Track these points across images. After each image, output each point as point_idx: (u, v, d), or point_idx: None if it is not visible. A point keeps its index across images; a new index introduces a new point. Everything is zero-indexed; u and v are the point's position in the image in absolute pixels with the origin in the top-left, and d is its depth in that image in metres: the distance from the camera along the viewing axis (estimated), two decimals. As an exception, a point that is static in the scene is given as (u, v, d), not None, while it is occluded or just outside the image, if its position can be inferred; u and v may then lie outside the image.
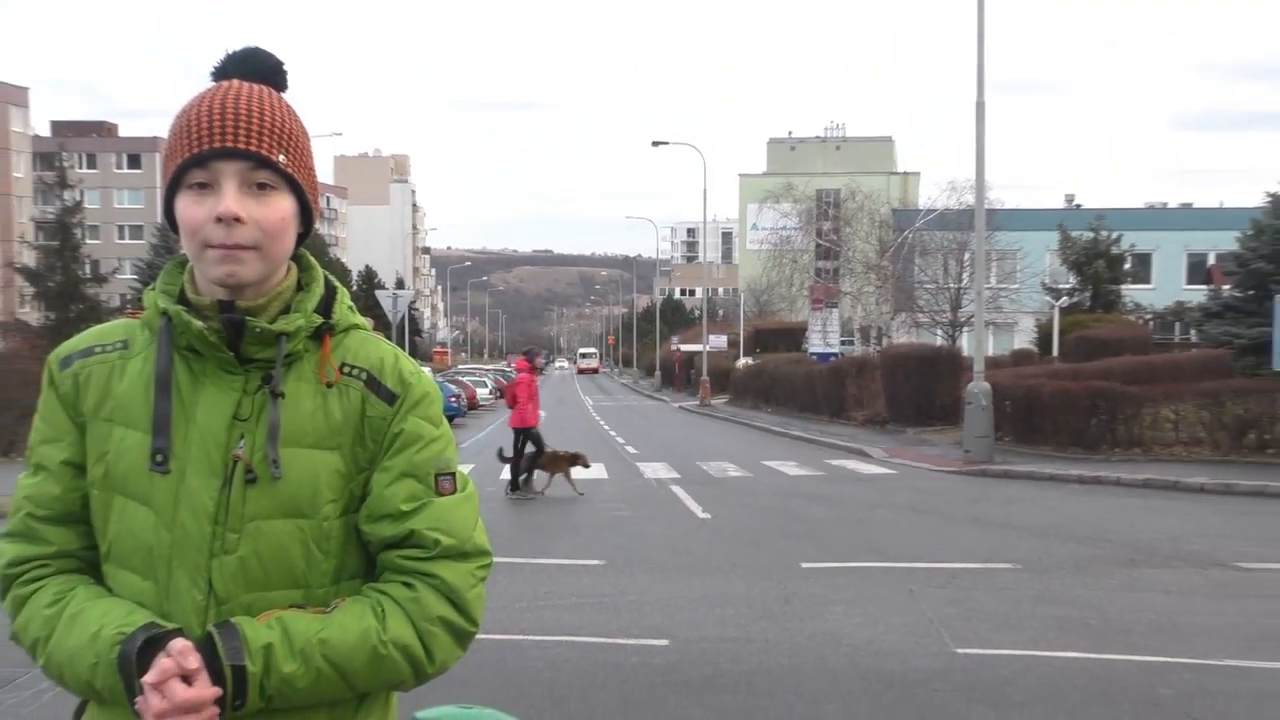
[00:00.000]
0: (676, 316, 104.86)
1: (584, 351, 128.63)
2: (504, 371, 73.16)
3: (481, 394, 49.77)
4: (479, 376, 57.93)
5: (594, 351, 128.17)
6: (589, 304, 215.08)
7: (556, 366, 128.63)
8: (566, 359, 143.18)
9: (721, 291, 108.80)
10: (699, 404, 45.88)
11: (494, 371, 68.38)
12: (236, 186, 1.64)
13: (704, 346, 53.48)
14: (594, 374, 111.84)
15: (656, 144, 56.73)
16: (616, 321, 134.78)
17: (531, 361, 17.18)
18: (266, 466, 1.66)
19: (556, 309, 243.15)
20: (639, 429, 33.07)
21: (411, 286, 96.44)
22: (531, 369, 17.01)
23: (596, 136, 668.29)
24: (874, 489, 16.75)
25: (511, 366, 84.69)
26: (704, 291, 70.58)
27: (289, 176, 1.68)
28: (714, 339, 57.27)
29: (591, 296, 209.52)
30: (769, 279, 57.72)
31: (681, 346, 67.40)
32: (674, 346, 70.42)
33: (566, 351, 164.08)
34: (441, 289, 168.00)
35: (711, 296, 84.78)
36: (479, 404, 47.45)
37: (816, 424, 30.50)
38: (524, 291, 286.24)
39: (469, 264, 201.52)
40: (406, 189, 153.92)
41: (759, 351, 53.48)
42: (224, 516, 1.66)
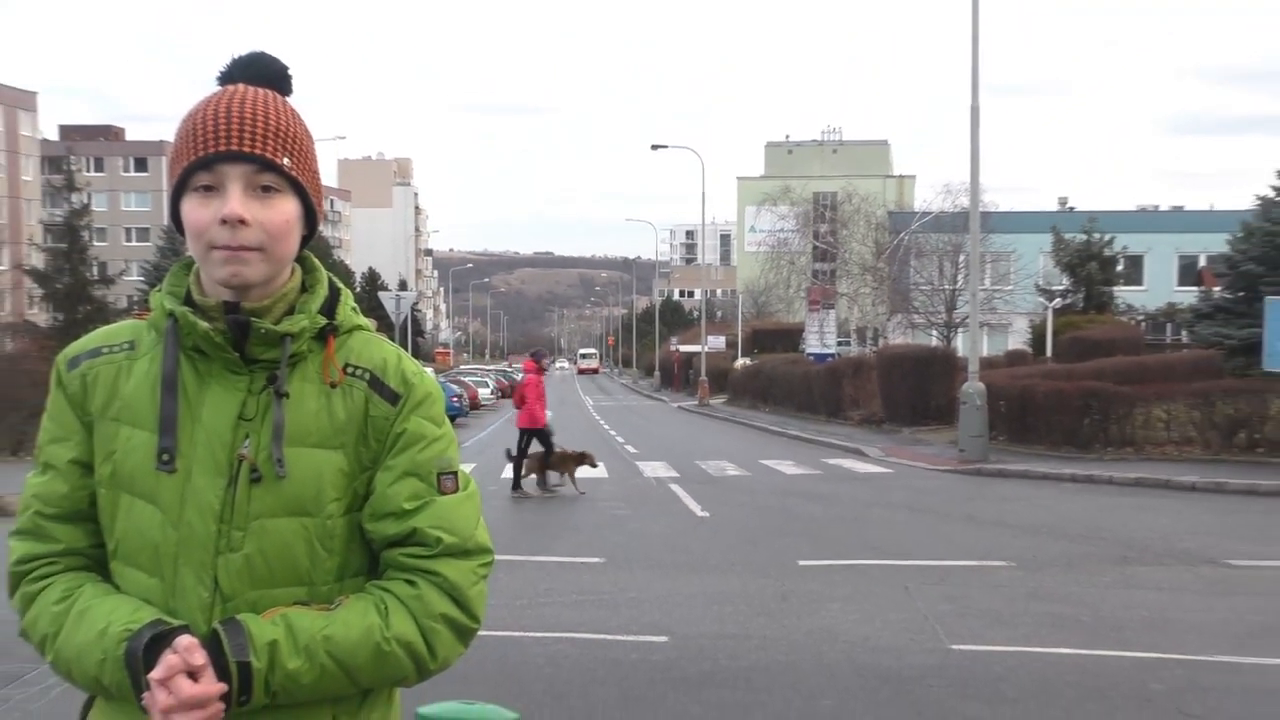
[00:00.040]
0: (675, 317, 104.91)
1: (584, 352, 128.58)
2: (505, 371, 73.24)
3: (483, 394, 49.76)
4: (481, 377, 57.88)
5: (594, 352, 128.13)
6: (589, 305, 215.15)
7: (557, 367, 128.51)
8: (567, 359, 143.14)
9: (720, 293, 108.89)
10: (698, 404, 45.87)
11: (495, 372, 68.37)
12: (241, 189, 1.64)
13: (703, 347, 53.48)
14: (594, 374, 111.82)
15: (656, 147, 56.82)
16: (616, 322, 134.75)
17: (538, 363, 17.24)
18: (271, 465, 1.66)
19: (557, 310, 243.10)
20: (638, 429, 33.06)
21: (414, 288, 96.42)
22: (538, 370, 17.05)
23: (596, 139, 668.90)
24: (870, 488, 16.76)
25: (512, 367, 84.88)
26: (703, 293, 70.68)
27: (293, 179, 1.68)
28: (712, 340, 57.27)
29: (591, 298, 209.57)
30: (767, 280, 57.69)
31: (680, 347, 67.40)
32: (673, 347, 70.43)
33: (567, 352, 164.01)
34: (444, 290, 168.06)
35: (710, 298, 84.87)
36: (481, 404, 47.43)
37: (813, 424, 30.49)
38: (525, 293, 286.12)
39: (471, 266, 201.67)
40: (409, 192, 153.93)
41: (757, 352, 53.44)
42: (229, 515, 1.66)
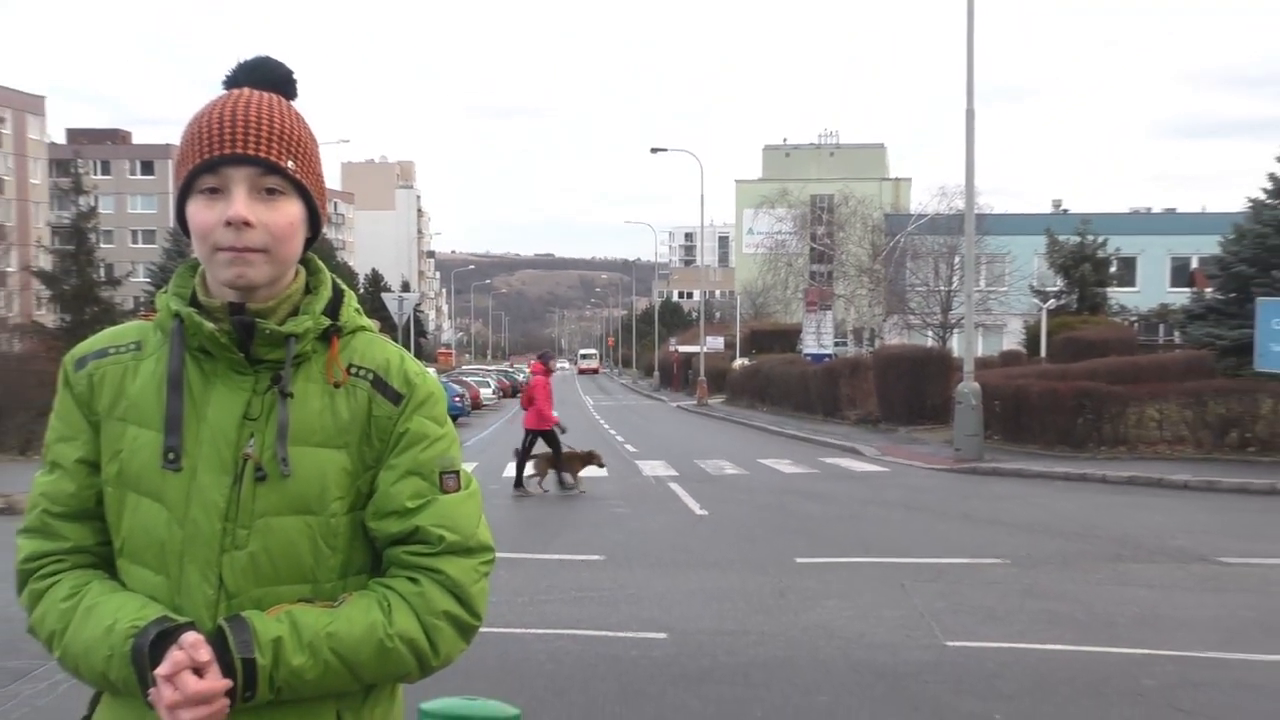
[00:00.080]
0: (674, 318, 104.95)
1: (584, 352, 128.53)
2: (507, 372, 73.23)
3: (485, 394, 49.78)
4: (482, 377, 57.94)
5: (594, 352, 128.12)
6: (589, 306, 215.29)
7: (558, 367, 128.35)
8: (567, 360, 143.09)
9: (718, 294, 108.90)
10: (696, 404, 45.87)
11: (497, 372, 68.39)
12: (246, 191, 1.64)
13: (701, 348, 53.50)
14: (594, 374, 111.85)
15: (655, 150, 56.99)
16: (616, 323, 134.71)
17: (546, 364, 17.24)
18: (276, 464, 1.66)
19: (558, 311, 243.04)
20: (638, 428, 33.06)
21: (417, 289, 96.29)
22: (546, 371, 17.05)
23: (596, 141, 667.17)
24: (866, 486, 16.75)
25: (514, 367, 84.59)
26: (701, 294, 70.65)
27: (297, 182, 1.68)
28: (711, 340, 57.30)
29: (592, 299, 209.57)
30: (765, 282, 57.73)
31: (679, 348, 67.41)
32: (672, 348, 70.45)
33: (567, 352, 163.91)
34: (446, 292, 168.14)
35: (709, 299, 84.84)
36: (483, 404, 47.44)
37: (811, 423, 30.49)
38: (526, 294, 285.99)
39: (473, 267, 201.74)
40: (412, 194, 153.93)
41: (755, 352, 53.44)
42: (234, 513, 1.66)
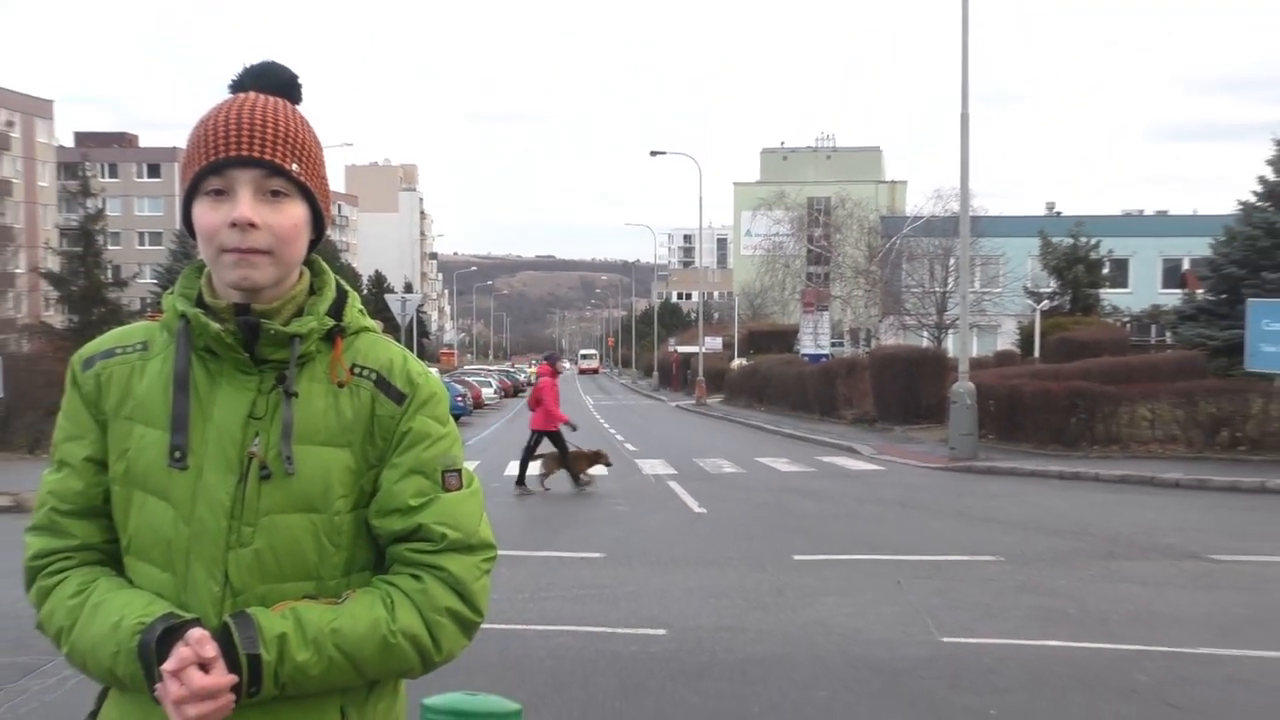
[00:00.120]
0: (674, 319, 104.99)
1: (585, 353, 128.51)
2: (508, 372, 73.24)
3: (487, 394, 49.77)
4: (484, 377, 57.95)
5: (594, 353, 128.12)
6: (590, 307, 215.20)
7: (564, 368, 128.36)
8: (568, 360, 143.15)
9: (717, 295, 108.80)
10: (695, 403, 45.86)
11: (499, 372, 68.41)
12: (251, 193, 1.64)
13: (700, 348, 53.51)
14: (594, 374, 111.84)
15: (655, 153, 57.12)
16: (616, 324, 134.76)
17: (553, 366, 17.26)
18: (280, 463, 1.66)
19: (559, 312, 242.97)
20: (638, 427, 33.05)
21: (419, 290, 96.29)
22: (554, 373, 17.05)
23: (596, 143, 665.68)
24: (863, 485, 16.74)
25: (515, 367, 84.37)
26: (700, 295, 70.66)
27: (301, 184, 1.68)
28: (710, 341, 57.29)
29: (592, 300, 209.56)
30: (762, 283, 57.69)
31: (678, 348, 67.44)
32: (671, 348, 70.47)
33: (568, 353, 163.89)
34: (448, 293, 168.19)
35: (707, 300, 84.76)
36: (484, 403, 47.43)
37: (808, 422, 30.48)
38: (527, 295, 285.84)
39: (474, 269, 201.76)
40: (414, 197, 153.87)
41: (753, 353, 53.42)
42: (240, 511, 1.66)
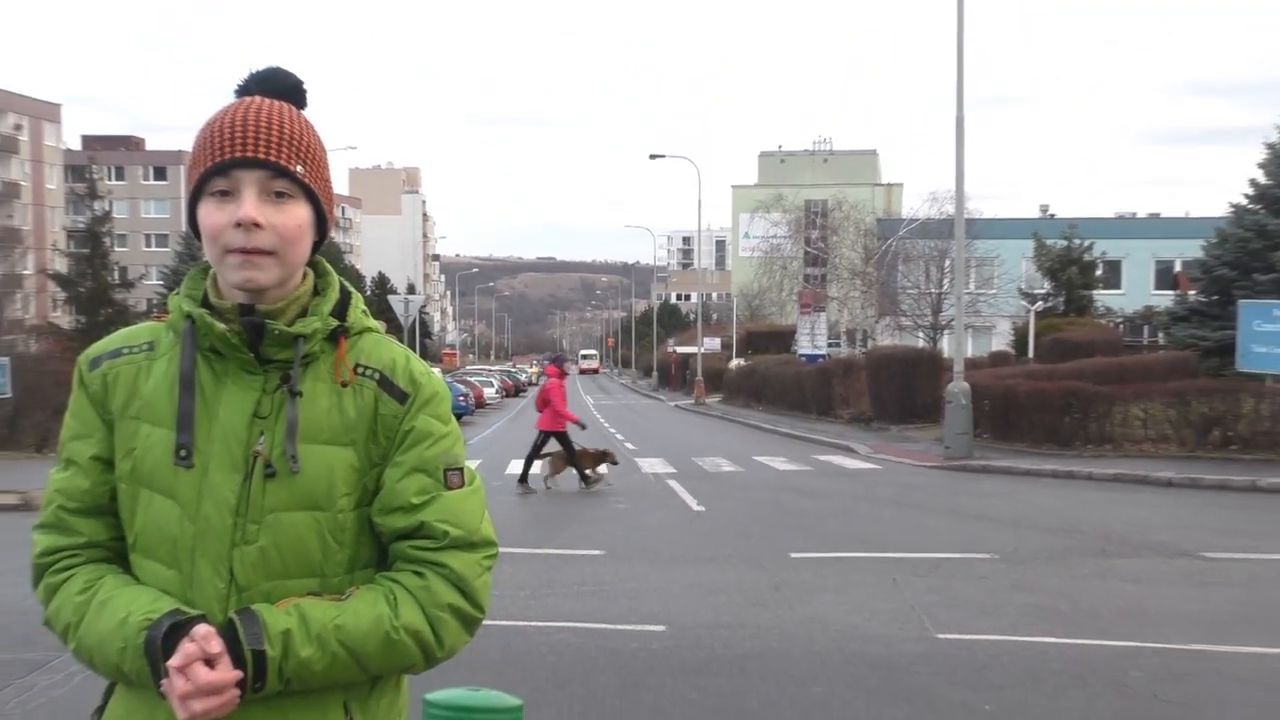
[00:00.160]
0: (673, 320, 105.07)
1: (585, 353, 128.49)
2: (510, 372, 73.24)
3: (489, 393, 49.81)
4: (486, 377, 58.01)
5: (595, 353, 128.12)
6: (590, 308, 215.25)
7: (570, 369, 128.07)
8: (571, 362, 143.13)
9: (715, 296, 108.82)
10: (694, 403, 45.87)
11: (500, 372, 68.41)
12: (256, 194, 1.64)
13: (699, 348, 53.54)
14: (595, 374, 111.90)
15: (654, 157, 57.30)
16: (616, 324, 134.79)
17: (560, 367, 17.23)
18: (285, 462, 1.66)
19: (559, 313, 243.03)
20: (637, 426, 33.06)
21: (422, 292, 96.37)
22: (561, 374, 17.03)
23: (597, 146, 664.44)
24: (859, 483, 16.74)
25: (515, 367, 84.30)
26: (699, 296, 70.66)
27: (306, 186, 1.68)
28: (708, 341, 57.35)
29: (592, 301, 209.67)
30: (760, 285, 57.72)
31: (677, 348, 67.51)
32: (670, 348, 70.53)
33: (568, 353, 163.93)
34: (450, 294, 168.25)
35: (706, 301, 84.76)
36: (486, 403, 47.45)
37: (805, 422, 30.47)
38: (528, 296, 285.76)
39: (476, 270, 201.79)
40: (417, 199, 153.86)
41: (751, 353, 53.45)
42: (245, 509, 1.66)
